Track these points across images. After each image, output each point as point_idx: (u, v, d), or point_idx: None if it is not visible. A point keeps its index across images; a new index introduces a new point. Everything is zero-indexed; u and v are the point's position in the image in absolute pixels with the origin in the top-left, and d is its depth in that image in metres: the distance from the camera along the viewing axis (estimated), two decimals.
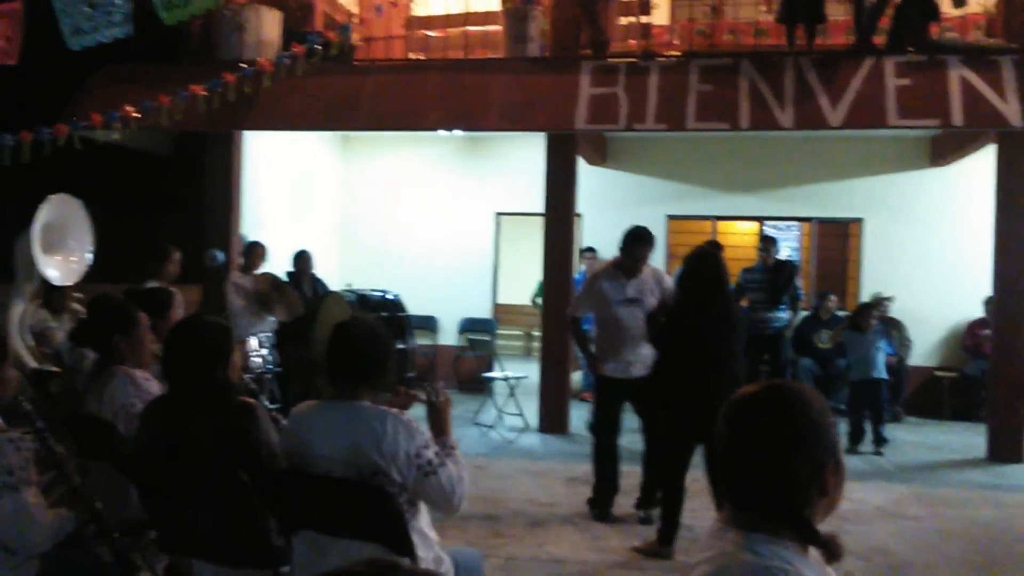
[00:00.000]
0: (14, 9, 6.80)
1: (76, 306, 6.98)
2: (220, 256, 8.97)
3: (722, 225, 11.76)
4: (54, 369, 5.97)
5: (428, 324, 11.72)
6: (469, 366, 11.14)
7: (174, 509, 3.19)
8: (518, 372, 9.31)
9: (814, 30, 8.35)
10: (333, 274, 11.04)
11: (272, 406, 7.87)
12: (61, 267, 6.96)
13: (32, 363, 6.48)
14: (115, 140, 7.83)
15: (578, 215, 9.48)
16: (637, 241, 5.96)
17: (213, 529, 3.09)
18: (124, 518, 3.68)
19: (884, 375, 8.47)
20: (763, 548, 1.65)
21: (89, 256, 7.08)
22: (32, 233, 6.64)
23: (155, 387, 3.79)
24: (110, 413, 3.73)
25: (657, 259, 8.64)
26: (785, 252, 11.17)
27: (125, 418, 3.66)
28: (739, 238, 12.40)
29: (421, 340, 11.36)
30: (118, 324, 3.94)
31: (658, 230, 11.11)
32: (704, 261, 5.35)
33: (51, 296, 7.03)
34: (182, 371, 3.27)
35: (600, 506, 6.09)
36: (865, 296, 10.46)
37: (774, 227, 11.66)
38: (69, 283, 7.00)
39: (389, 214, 12.04)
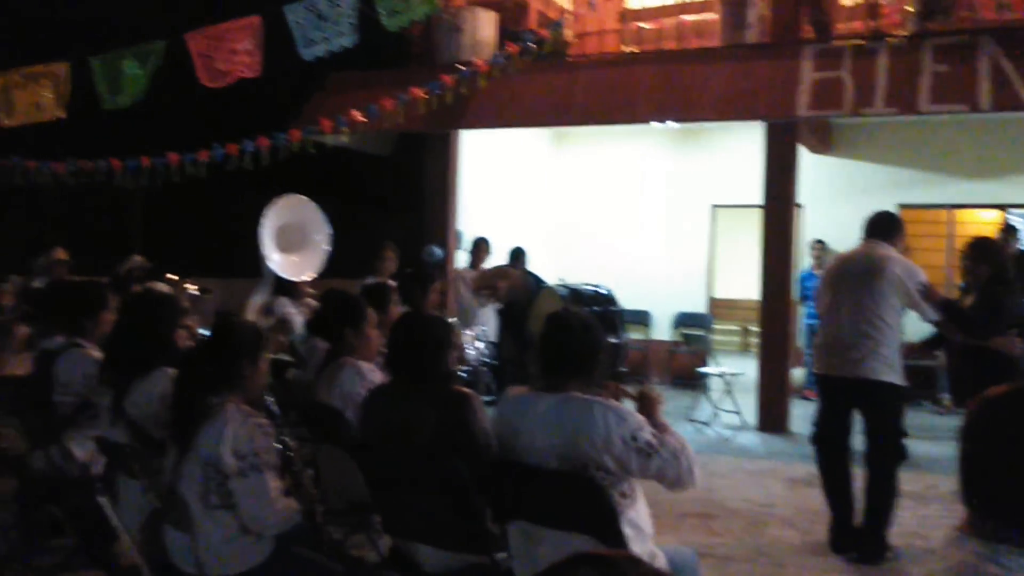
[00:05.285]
0: (254, 23, 7.26)
1: (310, 300, 7.42)
2: (438, 252, 9.28)
3: (960, 214, 11.00)
4: (290, 359, 6.36)
5: (641, 319, 11.65)
6: (683, 362, 10.98)
7: (396, 494, 3.32)
8: (734, 368, 9.08)
9: None
10: (547, 268, 11.18)
11: (487, 398, 8.11)
12: (300, 263, 7.44)
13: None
14: (342, 143, 8.25)
15: (799, 206, 9.12)
16: None
17: (432, 514, 3.18)
18: (352, 501, 3.87)
19: None
20: (1009, 560, 1.55)
21: (326, 251, 7.54)
22: (263, 229, 7.14)
23: (379, 378, 3.99)
24: (339, 401, 3.96)
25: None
26: None
27: (352, 407, 3.87)
28: (979, 228, 11.53)
29: (634, 335, 11.31)
30: (349, 318, 4.23)
31: None
32: None
33: (289, 287, 7.51)
34: (405, 362, 3.42)
35: None
36: None
37: (1018, 215, 10.76)
38: (300, 279, 7.45)
39: (602, 207, 12.06)
